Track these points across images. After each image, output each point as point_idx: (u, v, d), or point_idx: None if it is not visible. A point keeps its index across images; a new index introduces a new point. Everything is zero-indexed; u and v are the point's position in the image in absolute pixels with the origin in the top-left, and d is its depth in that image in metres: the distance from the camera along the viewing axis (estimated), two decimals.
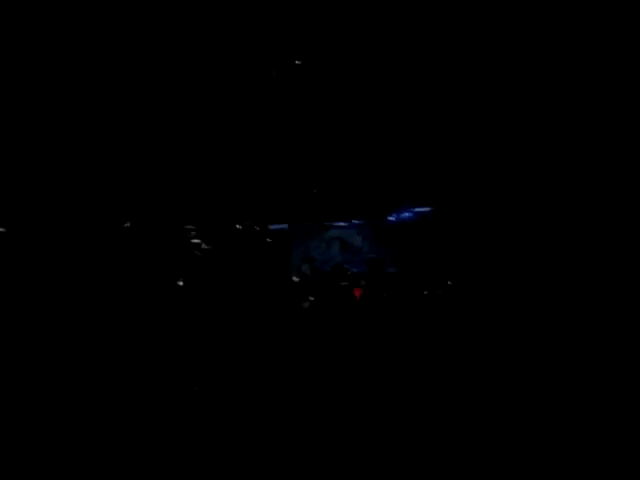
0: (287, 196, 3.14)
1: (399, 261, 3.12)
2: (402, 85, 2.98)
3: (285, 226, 3.18)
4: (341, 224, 3.22)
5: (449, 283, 2.98)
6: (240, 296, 2.88)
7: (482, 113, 2.97)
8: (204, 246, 2.97)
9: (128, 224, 2.75)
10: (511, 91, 2.96)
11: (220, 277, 2.91)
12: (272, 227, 3.11)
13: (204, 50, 2.86)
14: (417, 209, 3.21)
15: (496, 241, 2.99)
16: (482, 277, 2.94)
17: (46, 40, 2.74)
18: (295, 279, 3.03)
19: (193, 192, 2.96)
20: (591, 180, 2.93)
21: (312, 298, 2.98)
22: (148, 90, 2.83)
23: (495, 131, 3.00)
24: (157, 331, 2.63)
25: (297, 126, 3.03)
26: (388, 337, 2.85)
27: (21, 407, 2.31)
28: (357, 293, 2.86)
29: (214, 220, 3.03)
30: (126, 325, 2.61)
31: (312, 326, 2.83)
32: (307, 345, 2.76)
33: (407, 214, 3.20)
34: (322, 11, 2.85)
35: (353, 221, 3.23)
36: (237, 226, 3.12)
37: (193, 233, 2.94)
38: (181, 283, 2.81)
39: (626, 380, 2.38)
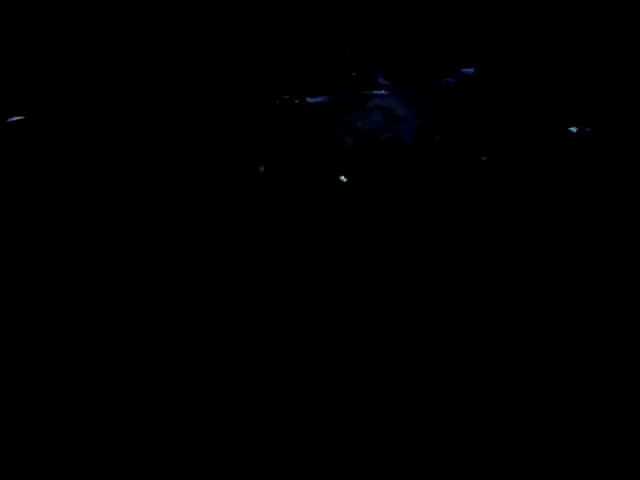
0: (325, 65, 3.00)
1: (447, 129, 2.98)
2: None
3: (324, 99, 3.06)
4: (383, 92, 3.08)
5: (495, 151, 2.84)
6: (276, 171, 2.83)
7: None
8: (242, 121, 2.91)
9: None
10: None
11: (256, 155, 2.87)
12: (310, 100, 3.01)
13: None
14: (463, 70, 3.01)
15: (545, 104, 2.79)
16: (530, 145, 2.78)
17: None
18: (335, 152, 2.95)
19: (219, 60, 2.86)
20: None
21: (355, 172, 2.91)
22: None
23: None
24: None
25: None
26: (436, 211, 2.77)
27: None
28: None
29: (249, 95, 2.94)
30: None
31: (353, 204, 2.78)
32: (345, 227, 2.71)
33: (452, 78, 3.01)
34: None
35: (395, 88, 3.07)
36: (276, 101, 3.03)
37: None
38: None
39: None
